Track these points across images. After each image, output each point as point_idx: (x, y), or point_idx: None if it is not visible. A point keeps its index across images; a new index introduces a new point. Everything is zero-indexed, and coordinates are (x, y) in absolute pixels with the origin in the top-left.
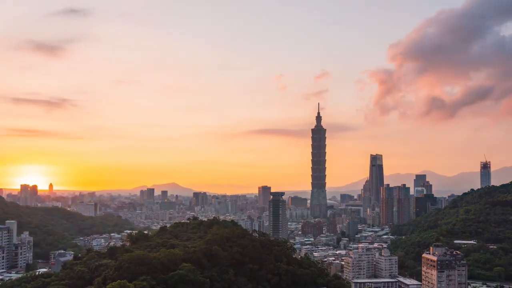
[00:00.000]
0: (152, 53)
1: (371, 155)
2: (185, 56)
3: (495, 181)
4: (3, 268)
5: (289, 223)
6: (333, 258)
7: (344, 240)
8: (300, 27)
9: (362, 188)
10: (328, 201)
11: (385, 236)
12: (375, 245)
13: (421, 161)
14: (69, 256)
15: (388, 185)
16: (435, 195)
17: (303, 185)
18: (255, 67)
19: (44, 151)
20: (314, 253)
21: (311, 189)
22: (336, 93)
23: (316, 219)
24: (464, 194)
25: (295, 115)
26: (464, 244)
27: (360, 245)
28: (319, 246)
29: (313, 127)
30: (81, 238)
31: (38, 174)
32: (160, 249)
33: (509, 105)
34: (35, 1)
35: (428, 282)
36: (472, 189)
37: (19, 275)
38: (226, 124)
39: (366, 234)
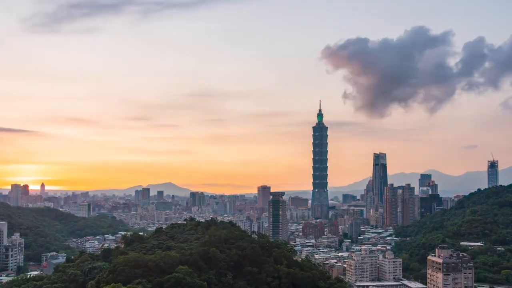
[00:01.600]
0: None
1: (374, 153)
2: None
3: (503, 181)
4: None
5: (289, 224)
6: (335, 261)
7: (347, 242)
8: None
9: (365, 188)
10: (329, 201)
11: (388, 238)
12: (379, 247)
13: (426, 160)
14: (61, 259)
15: (392, 184)
16: (440, 195)
17: (304, 185)
18: (258, 65)
19: (36, 149)
20: (315, 255)
21: (312, 189)
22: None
23: (318, 220)
24: (471, 194)
25: (296, 111)
26: (470, 246)
27: (363, 247)
28: (320, 248)
29: (314, 124)
30: (74, 239)
31: (30, 173)
32: (155, 251)
33: None
34: None
35: (434, 285)
36: (479, 189)
37: (10, 278)
38: (223, 121)
39: (369, 236)
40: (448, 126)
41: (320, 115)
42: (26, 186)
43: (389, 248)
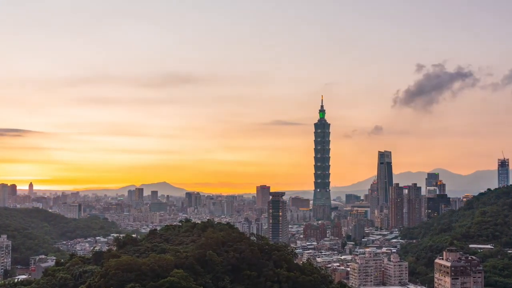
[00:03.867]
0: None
1: (379, 152)
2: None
3: None
4: None
5: (290, 226)
6: (338, 264)
7: (350, 244)
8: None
9: (369, 187)
10: (332, 202)
11: (394, 240)
12: (384, 249)
13: (434, 158)
14: (50, 262)
15: (397, 184)
16: (448, 195)
17: (305, 184)
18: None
19: (24, 147)
20: (317, 259)
21: (313, 189)
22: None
23: (319, 222)
24: (480, 194)
25: (296, 107)
26: (480, 248)
27: (367, 249)
28: (322, 251)
29: (316, 121)
30: (64, 242)
31: (17, 172)
32: (149, 254)
33: None
34: None
35: None
36: (489, 189)
37: None
38: (220, 117)
39: (374, 238)
40: (457, 123)
41: (322, 111)
42: (13, 186)
43: (395, 251)
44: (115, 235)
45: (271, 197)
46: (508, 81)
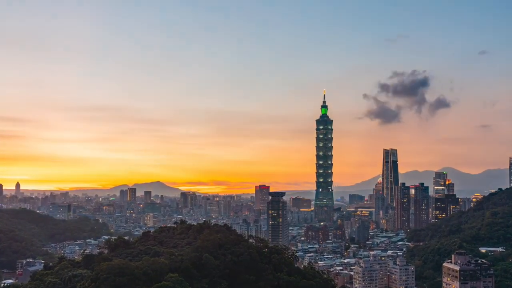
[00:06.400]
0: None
1: (384, 150)
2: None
3: None
4: None
5: (290, 228)
6: (341, 268)
7: (353, 247)
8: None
9: (374, 187)
10: (335, 202)
11: (400, 243)
12: (389, 252)
13: (442, 156)
14: (38, 265)
15: (403, 184)
16: (457, 196)
17: (306, 184)
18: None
19: (12, 146)
20: (319, 262)
21: (315, 188)
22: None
23: (322, 223)
24: (491, 194)
25: (297, 104)
26: (490, 251)
27: (372, 252)
28: (324, 254)
29: (317, 117)
30: (53, 244)
31: (4, 172)
32: (142, 258)
33: None
34: None
35: None
36: (500, 189)
37: None
38: (217, 114)
39: (379, 240)
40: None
41: (324, 107)
42: None
43: (401, 254)
44: (107, 237)
45: (270, 197)
46: None
